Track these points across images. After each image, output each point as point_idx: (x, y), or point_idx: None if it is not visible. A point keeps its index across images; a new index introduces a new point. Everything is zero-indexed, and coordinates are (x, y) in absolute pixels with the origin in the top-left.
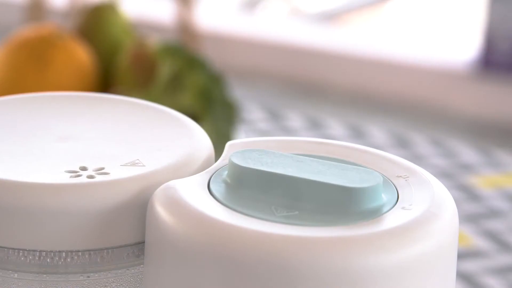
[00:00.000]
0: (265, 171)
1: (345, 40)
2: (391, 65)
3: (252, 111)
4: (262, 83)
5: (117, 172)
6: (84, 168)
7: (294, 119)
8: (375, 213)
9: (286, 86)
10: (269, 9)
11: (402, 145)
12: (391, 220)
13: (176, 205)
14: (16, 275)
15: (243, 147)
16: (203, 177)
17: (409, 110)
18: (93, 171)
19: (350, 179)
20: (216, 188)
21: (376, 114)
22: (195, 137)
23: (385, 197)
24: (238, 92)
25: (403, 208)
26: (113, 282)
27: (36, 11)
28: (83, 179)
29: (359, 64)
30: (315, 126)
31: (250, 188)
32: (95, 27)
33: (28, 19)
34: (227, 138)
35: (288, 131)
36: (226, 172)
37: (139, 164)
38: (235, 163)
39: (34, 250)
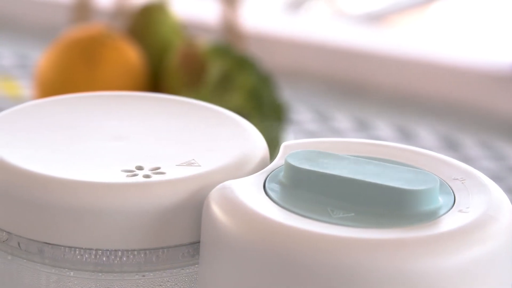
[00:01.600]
0: (322, 172)
1: (391, 41)
2: (437, 67)
3: (300, 111)
4: (307, 83)
5: (173, 172)
6: (140, 168)
7: (342, 120)
8: (431, 216)
9: (331, 87)
10: (313, 10)
11: (450, 147)
12: (448, 223)
13: (232, 205)
14: (72, 273)
15: (298, 148)
16: (258, 177)
17: (456, 112)
18: (149, 170)
19: (407, 181)
20: (272, 189)
21: (423, 116)
22: (251, 138)
23: (441, 200)
24: (283, 93)
25: (460, 211)
26: (168, 281)
27: (83, 11)
28: (139, 178)
29: (404, 65)
30: (363, 127)
31: (306, 189)
32: (145, 26)
33: (74, 20)
34: (276, 139)
35: (335, 132)
36: (282, 173)
37: (195, 164)
38: (291, 164)
39: (90, 249)
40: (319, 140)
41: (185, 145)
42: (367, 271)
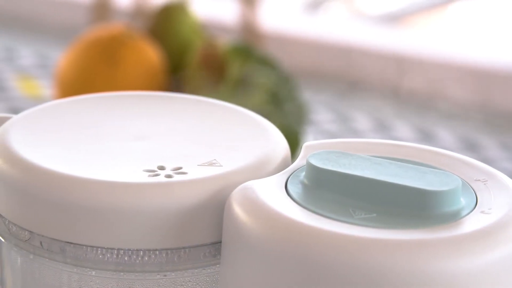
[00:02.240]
0: (343, 173)
1: (409, 42)
2: (455, 67)
3: (318, 112)
4: (325, 84)
5: (194, 172)
6: (162, 168)
7: (361, 121)
8: (454, 217)
9: (349, 87)
10: (332, 11)
11: (470, 148)
12: (471, 223)
13: (254, 205)
14: (93, 272)
15: (320, 149)
16: (280, 178)
17: (476, 113)
18: (171, 170)
19: (429, 182)
20: (294, 189)
21: (441, 117)
22: (272, 138)
23: (463, 201)
24: (302, 93)
25: (482, 212)
26: (189, 281)
27: (102, 11)
28: (161, 178)
29: (423, 66)
30: (382, 128)
31: (328, 189)
32: (165, 26)
33: (93, 20)
34: (296, 139)
35: (354, 133)
36: (303, 173)
37: (217, 164)
38: (313, 164)
39: (112, 248)
40: (340, 141)
41: (207, 145)
42: (389, 272)
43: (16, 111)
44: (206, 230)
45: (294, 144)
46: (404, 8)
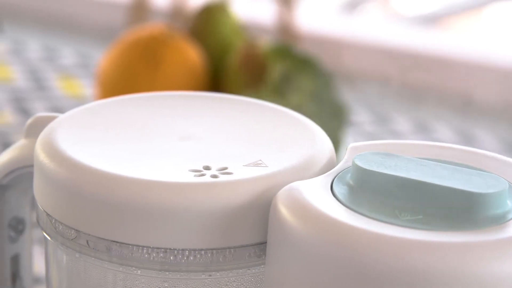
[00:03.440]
0: (389, 174)
1: (447, 44)
2: (493, 69)
3: (358, 113)
4: (363, 85)
5: (240, 172)
6: (207, 168)
7: (401, 122)
8: (500, 220)
9: (387, 89)
10: (368, 12)
11: (510, 150)
12: None
13: (300, 206)
14: (139, 271)
15: (365, 150)
16: (326, 179)
17: None
18: (217, 170)
19: (475, 184)
20: (339, 190)
21: (481, 118)
22: (317, 139)
23: (510, 203)
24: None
25: None
26: (234, 281)
27: (140, 12)
28: (207, 178)
29: (461, 68)
30: (422, 130)
31: (373, 191)
32: (206, 27)
33: (131, 20)
34: (336, 140)
35: (395, 134)
36: (349, 175)
37: (262, 165)
38: (359, 166)
39: (158, 248)
40: (385, 142)
41: (252, 145)
42: (435, 274)
43: (57, 110)
44: (251, 230)
45: (335, 145)
46: (441, 9)
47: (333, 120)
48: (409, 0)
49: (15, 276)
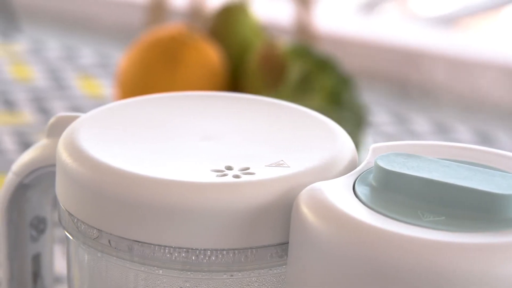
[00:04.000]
0: (412, 175)
1: (465, 45)
2: (509, 70)
3: (377, 114)
4: (381, 85)
5: (262, 173)
6: (229, 168)
7: (419, 123)
8: None
9: (406, 89)
10: (386, 12)
11: None
12: None
13: (323, 206)
14: (161, 271)
15: (387, 151)
16: (348, 179)
17: None
18: (239, 170)
19: (498, 185)
20: (362, 191)
21: (499, 120)
22: (339, 139)
23: None
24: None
25: None
26: (256, 281)
27: (158, 12)
28: (229, 178)
29: (478, 68)
30: (441, 130)
31: (396, 191)
32: (225, 27)
33: (150, 20)
34: (356, 141)
35: (413, 135)
36: (371, 175)
37: (284, 165)
38: (381, 166)
39: (180, 248)
40: (407, 143)
41: (274, 145)
42: (457, 275)
43: (76, 110)
44: (273, 230)
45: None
46: (457, 10)
47: (353, 121)
48: (426, 1)
49: (36, 275)
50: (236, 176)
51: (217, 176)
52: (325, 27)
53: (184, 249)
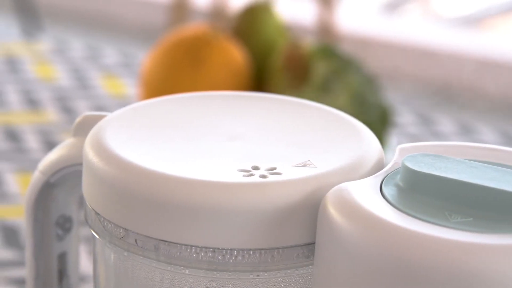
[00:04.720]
0: (439, 176)
1: (490, 45)
2: None
3: (401, 114)
4: (404, 85)
5: (289, 173)
6: (256, 168)
7: (444, 123)
8: None
9: (430, 90)
10: (409, 13)
11: None
12: None
13: (350, 207)
14: (187, 271)
15: (414, 151)
16: (375, 180)
17: None
18: (266, 170)
19: None
20: (389, 192)
21: None
22: (366, 139)
23: None
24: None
25: None
26: (282, 282)
27: (181, 12)
28: (256, 178)
29: (504, 69)
30: (466, 131)
31: (423, 192)
32: (249, 27)
33: (172, 20)
34: (381, 141)
35: (438, 136)
36: (398, 176)
37: (311, 165)
38: (408, 167)
39: (206, 247)
40: (434, 144)
41: (300, 145)
42: (485, 276)
43: (100, 109)
44: (299, 230)
45: None
46: (481, 11)
47: (378, 121)
48: (449, 1)
49: (62, 274)
50: (263, 176)
51: (244, 176)
52: (347, 27)
53: (211, 249)
